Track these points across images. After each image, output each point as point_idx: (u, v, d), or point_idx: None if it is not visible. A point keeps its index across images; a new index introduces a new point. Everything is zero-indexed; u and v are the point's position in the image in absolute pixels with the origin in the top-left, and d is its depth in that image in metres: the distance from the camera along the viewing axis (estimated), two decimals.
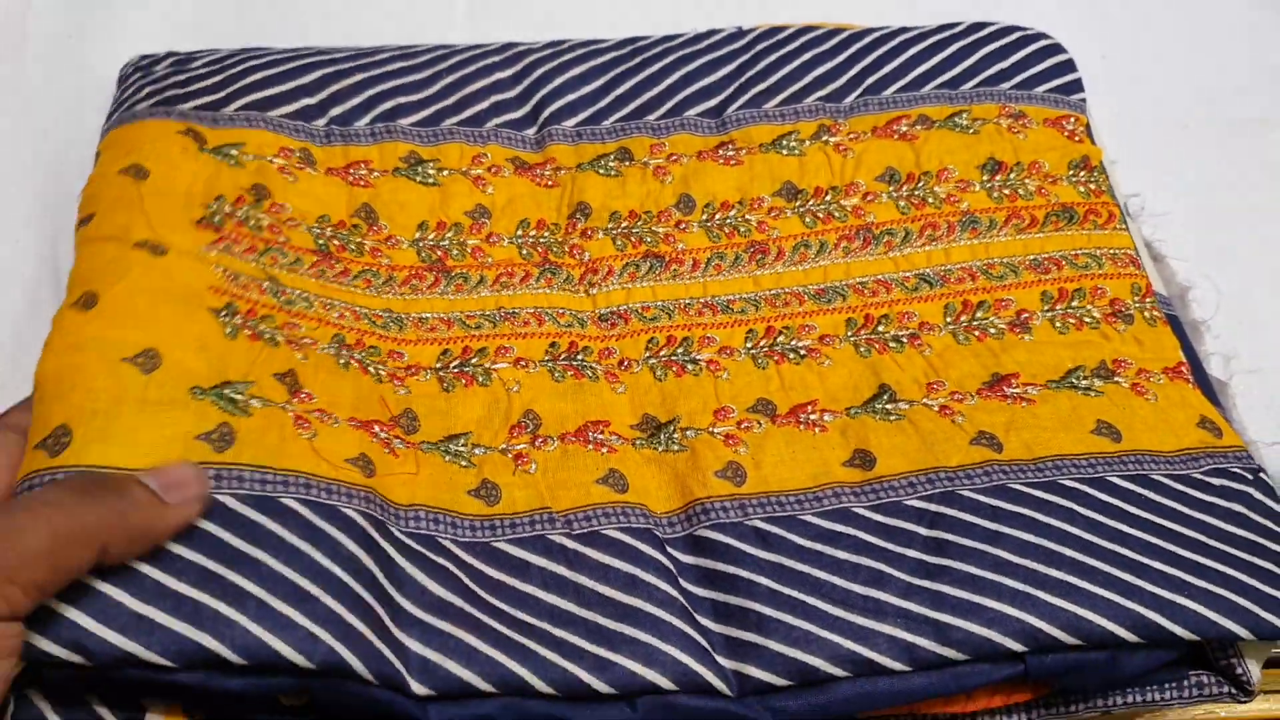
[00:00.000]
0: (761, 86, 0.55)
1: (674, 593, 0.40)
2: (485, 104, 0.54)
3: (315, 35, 0.58)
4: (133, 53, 0.55)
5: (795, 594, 0.40)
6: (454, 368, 0.46)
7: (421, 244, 0.49)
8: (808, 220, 0.52)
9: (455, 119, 0.53)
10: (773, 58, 0.56)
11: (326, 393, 0.42)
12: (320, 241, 0.48)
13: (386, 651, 0.35)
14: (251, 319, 0.43)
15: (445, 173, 0.51)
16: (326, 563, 0.36)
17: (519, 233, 0.50)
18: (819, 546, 0.42)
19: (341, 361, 0.44)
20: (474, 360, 0.46)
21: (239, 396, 0.40)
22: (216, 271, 0.44)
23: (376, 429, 0.43)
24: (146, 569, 0.34)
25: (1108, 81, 0.63)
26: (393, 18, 0.63)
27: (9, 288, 0.50)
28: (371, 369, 0.45)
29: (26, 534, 0.30)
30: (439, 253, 0.49)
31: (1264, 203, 0.60)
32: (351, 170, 0.51)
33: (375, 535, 0.38)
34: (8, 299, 0.50)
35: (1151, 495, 0.44)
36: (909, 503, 0.43)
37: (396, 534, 0.40)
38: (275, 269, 0.46)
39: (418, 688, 0.36)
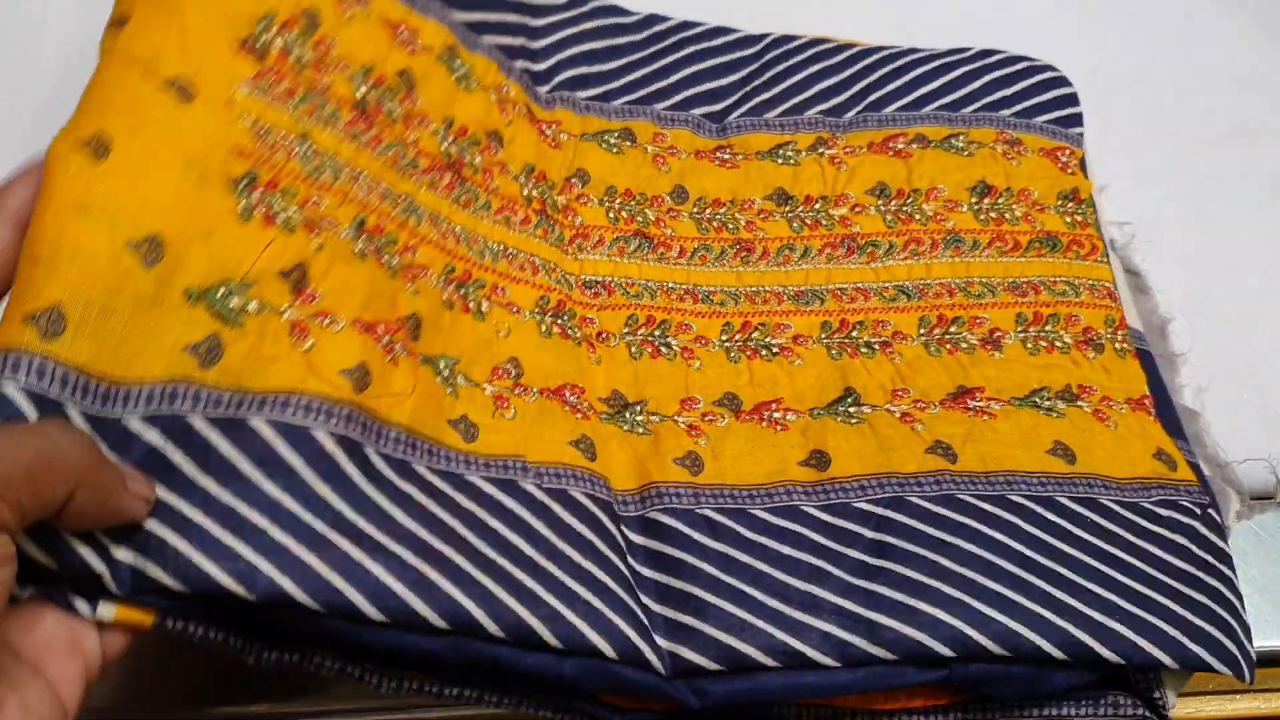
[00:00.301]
0: (765, 96, 0.57)
1: (624, 569, 0.41)
2: (515, 42, 0.55)
3: None
4: None
5: (737, 583, 0.41)
6: (455, 286, 0.46)
7: (443, 136, 0.49)
8: (795, 225, 0.53)
9: (493, 40, 0.54)
10: (780, 68, 0.58)
11: (334, 290, 0.41)
12: (360, 92, 0.46)
13: (337, 580, 0.35)
14: (271, 192, 0.41)
15: (474, 82, 0.51)
16: (278, 494, 0.36)
17: (522, 175, 0.51)
18: (765, 540, 0.43)
19: (358, 250, 0.42)
20: (472, 288, 0.47)
21: (234, 301, 0.39)
22: (245, 125, 0.41)
23: (381, 330, 0.41)
24: None
25: (1099, 92, 0.64)
26: None
27: None
28: (386, 260, 0.43)
29: (11, 452, 0.30)
30: (455, 153, 0.49)
31: (1253, 211, 0.61)
32: (400, 30, 0.49)
33: (342, 460, 0.38)
34: None
35: (1097, 519, 0.45)
36: (858, 505, 0.44)
37: (371, 456, 0.39)
38: (310, 121, 0.44)
39: (371, 612, 0.36)
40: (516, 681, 0.40)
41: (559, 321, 0.48)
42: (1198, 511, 0.46)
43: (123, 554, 0.34)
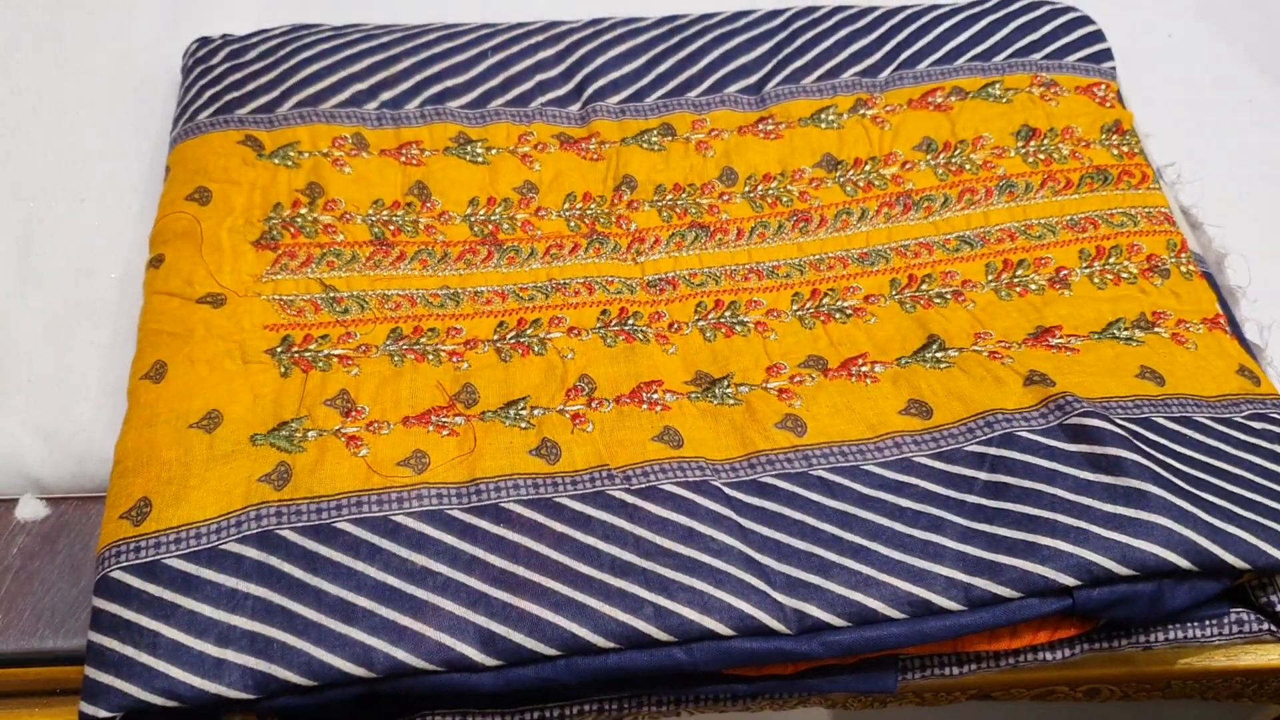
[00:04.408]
0: (799, 63, 0.57)
1: (731, 540, 0.41)
2: (530, 84, 0.56)
3: (403, 15, 0.61)
4: (233, 29, 0.58)
5: (858, 539, 0.41)
6: (510, 339, 0.48)
7: (473, 219, 0.52)
8: (848, 189, 0.53)
9: (502, 99, 0.55)
10: (809, 35, 0.58)
11: (379, 401, 0.45)
12: (376, 229, 0.51)
13: (446, 638, 0.38)
14: (308, 345, 0.47)
15: (494, 151, 0.54)
16: (378, 574, 0.40)
17: (566, 206, 0.52)
18: (882, 494, 0.43)
19: (396, 360, 0.47)
20: (529, 331, 0.48)
21: (295, 433, 0.44)
22: (272, 304, 0.48)
23: (433, 417, 0.45)
24: (221, 615, 0.39)
25: (1175, 59, 0.65)
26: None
27: (121, 251, 0.54)
28: (430, 354, 0.47)
29: None
30: (490, 226, 0.51)
31: None
32: (404, 150, 0.53)
33: (429, 529, 0.41)
34: (119, 262, 0.54)
35: (1196, 435, 0.45)
36: (969, 449, 0.44)
37: (456, 516, 0.42)
38: (331, 275, 0.49)
39: (483, 659, 0.38)
40: (637, 680, 0.41)
41: (624, 328, 0.49)
42: None
43: (248, 660, 0.38)
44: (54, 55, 0.62)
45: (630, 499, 0.42)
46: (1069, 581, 0.40)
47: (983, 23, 0.59)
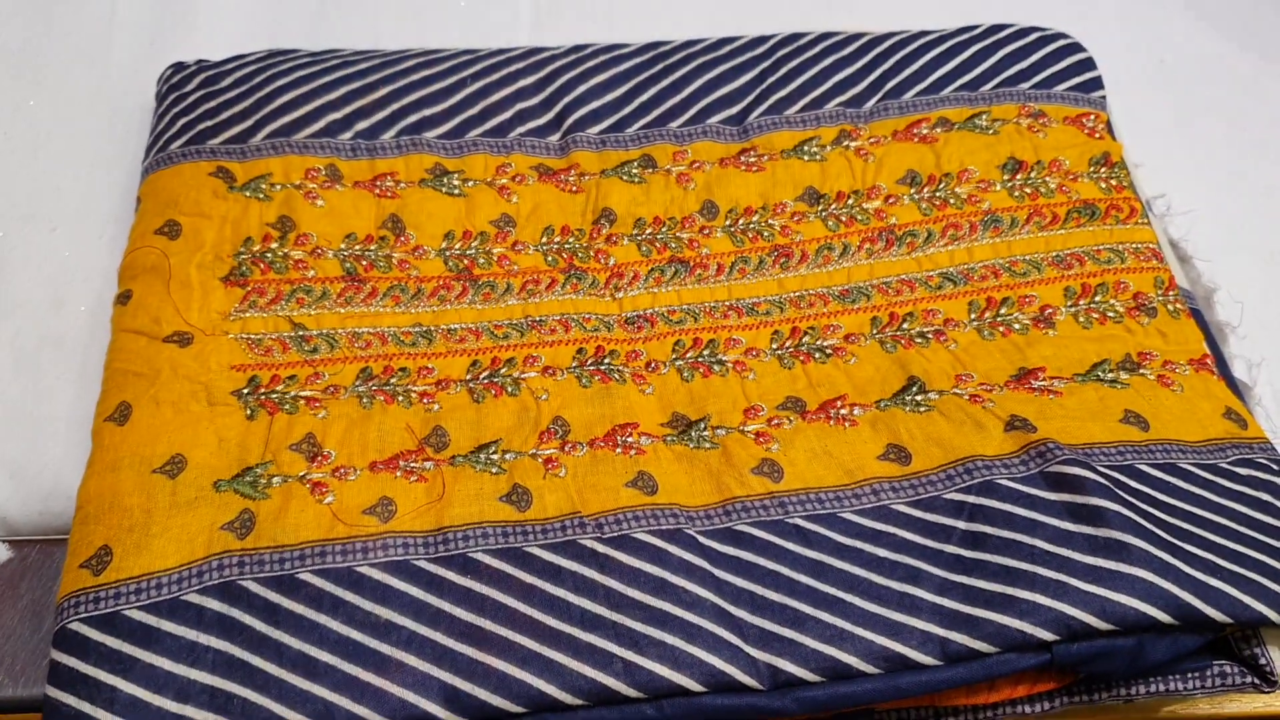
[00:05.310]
0: (782, 93, 0.56)
1: (704, 592, 0.40)
2: (509, 113, 0.55)
3: (386, 39, 0.61)
4: (212, 54, 0.58)
5: (833, 591, 0.41)
6: (484, 379, 0.47)
7: (448, 253, 0.51)
8: (830, 224, 0.53)
9: (479, 129, 0.54)
10: (793, 64, 0.57)
11: (346, 446, 0.45)
12: (348, 265, 0.50)
13: (410, 695, 0.38)
14: (275, 386, 0.46)
15: (470, 183, 0.53)
16: (341, 628, 0.39)
17: (544, 240, 0.52)
18: (859, 544, 0.42)
19: (365, 402, 0.46)
20: (503, 370, 0.47)
21: (259, 479, 0.43)
22: (240, 344, 0.47)
23: (402, 462, 0.44)
24: (180, 669, 0.38)
25: (1167, 84, 0.65)
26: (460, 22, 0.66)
27: (93, 282, 0.54)
28: (400, 396, 0.46)
29: None
30: (466, 261, 0.51)
31: None
32: (378, 182, 0.52)
33: (394, 581, 0.40)
34: (90, 293, 0.53)
35: (1181, 484, 0.44)
36: (948, 496, 0.43)
37: (423, 566, 0.41)
38: (301, 312, 0.48)
39: (448, 716, 0.37)
40: None
41: (600, 368, 0.48)
42: (1275, 467, 0.45)
43: (207, 716, 0.37)
44: (28, 79, 0.61)
45: (601, 548, 0.42)
46: (1047, 636, 0.39)
47: (970, 50, 0.58)
